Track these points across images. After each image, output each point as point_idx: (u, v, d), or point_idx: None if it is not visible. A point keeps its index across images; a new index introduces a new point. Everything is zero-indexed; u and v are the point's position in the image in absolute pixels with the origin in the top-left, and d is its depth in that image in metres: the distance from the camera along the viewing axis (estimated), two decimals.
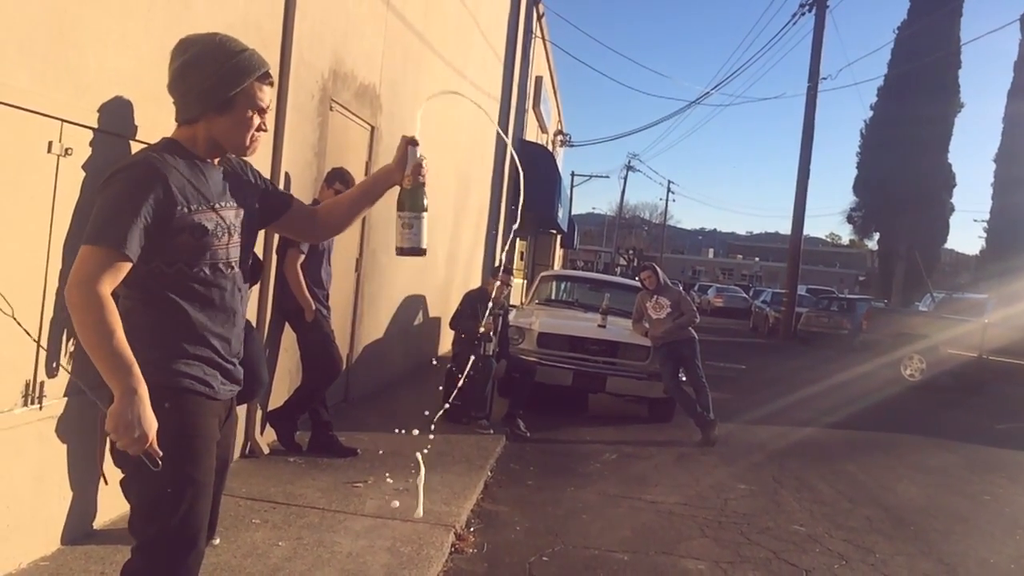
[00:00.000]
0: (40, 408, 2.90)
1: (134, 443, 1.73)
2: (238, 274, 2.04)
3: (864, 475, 6.68)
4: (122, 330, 1.76)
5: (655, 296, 7.61)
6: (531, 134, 17.23)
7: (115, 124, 3.09)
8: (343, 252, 5.88)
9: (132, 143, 3.18)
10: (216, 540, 3.38)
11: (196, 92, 1.93)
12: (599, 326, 7.98)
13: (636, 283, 8.43)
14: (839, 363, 15.79)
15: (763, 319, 26.21)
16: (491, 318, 6.53)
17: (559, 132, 26.23)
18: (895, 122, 27.03)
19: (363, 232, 6.50)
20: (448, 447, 5.68)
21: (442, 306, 9.68)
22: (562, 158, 26.62)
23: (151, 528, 1.89)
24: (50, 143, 2.80)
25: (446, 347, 9.91)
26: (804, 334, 21.68)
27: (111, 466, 1.98)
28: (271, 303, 4.82)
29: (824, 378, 13.30)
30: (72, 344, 2.95)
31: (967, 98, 28.38)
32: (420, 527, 3.97)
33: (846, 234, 61.59)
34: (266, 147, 4.49)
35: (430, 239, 2.17)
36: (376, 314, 7.26)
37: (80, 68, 2.91)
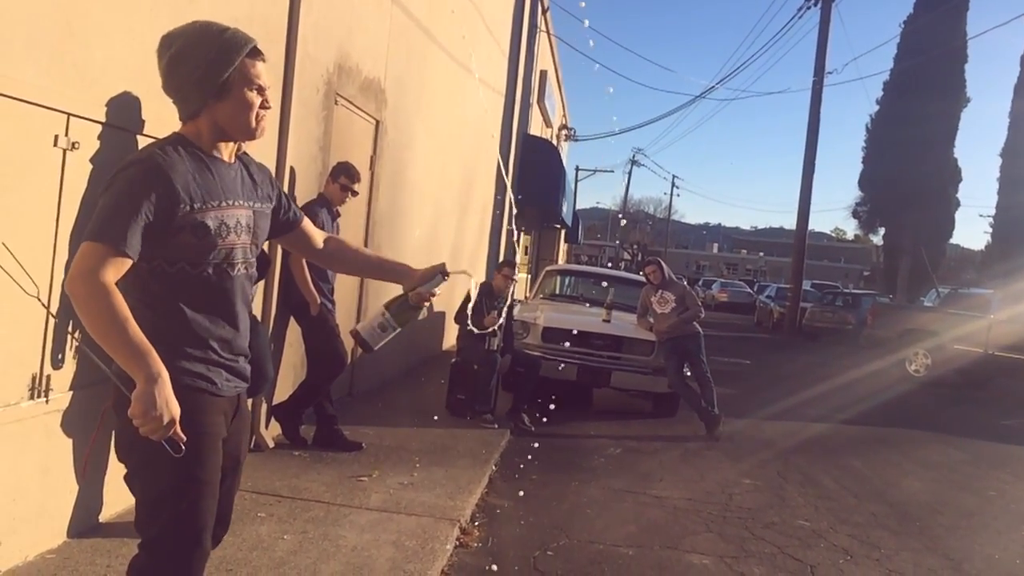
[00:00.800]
0: (46, 402, 2.91)
1: (161, 428, 1.71)
2: (244, 275, 1.99)
3: (869, 471, 6.67)
4: (132, 316, 1.73)
5: (660, 291, 7.61)
6: (536, 128, 17.18)
7: (122, 118, 3.09)
8: None
9: (139, 137, 3.18)
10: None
11: (190, 84, 1.90)
12: (604, 320, 7.98)
13: (641, 277, 8.42)
14: (844, 359, 15.74)
15: (767, 314, 26.14)
16: (496, 312, 6.54)
17: (564, 126, 26.15)
18: (901, 117, 26.93)
19: (367, 228, 6.50)
20: (453, 441, 5.69)
21: (446, 300, 9.68)
22: (567, 152, 26.55)
23: (154, 525, 1.88)
24: (56, 136, 2.81)
25: (451, 342, 9.92)
26: (809, 329, 21.64)
27: (104, 462, 1.96)
28: (276, 297, 4.82)
29: (829, 374, 13.29)
30: (79, 336, 2.95)
31: (973, 93, 28.37)
32: (425, 521, 3.98)
33: (851, 229, 61.66)
34: (271, 141, 4.49)
35: (435, 231, 2.18)
36: None
37: (86, 62, 2.91)
